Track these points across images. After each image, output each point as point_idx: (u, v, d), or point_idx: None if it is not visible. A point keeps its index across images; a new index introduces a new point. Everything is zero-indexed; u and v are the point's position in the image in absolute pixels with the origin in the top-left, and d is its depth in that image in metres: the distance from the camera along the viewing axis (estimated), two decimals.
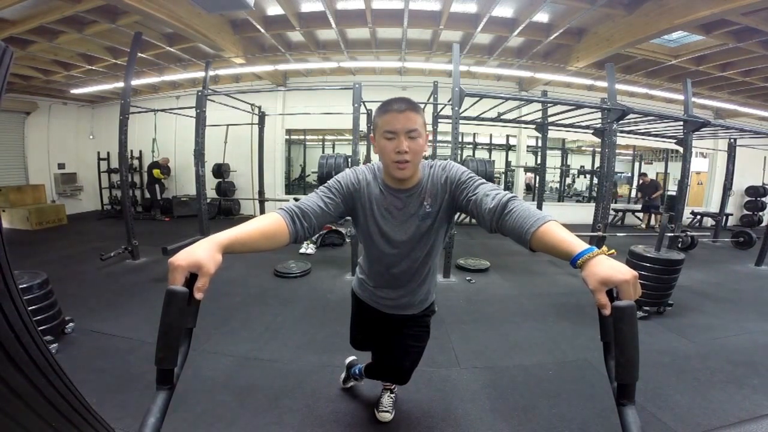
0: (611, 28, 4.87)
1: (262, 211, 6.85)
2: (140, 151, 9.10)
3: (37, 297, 2.47)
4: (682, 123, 4.93)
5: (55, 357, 0.54)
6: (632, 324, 0.66)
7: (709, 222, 8.68)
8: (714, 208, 8.97)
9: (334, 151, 10.56)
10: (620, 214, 9.31)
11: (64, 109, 8.99)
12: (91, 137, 9.46)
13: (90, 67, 6.64)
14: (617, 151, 10.07)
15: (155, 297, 3.48)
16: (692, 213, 8.99)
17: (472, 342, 2.83)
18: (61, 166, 9.04)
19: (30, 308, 2.32)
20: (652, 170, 10.26)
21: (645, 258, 3.38)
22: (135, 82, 6.67)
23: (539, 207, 6.48)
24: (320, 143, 11.32)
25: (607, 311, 0.67)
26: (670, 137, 6.16)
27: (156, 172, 8.33)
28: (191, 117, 4.92)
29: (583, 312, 3.44)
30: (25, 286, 2.41)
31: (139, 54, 5.53)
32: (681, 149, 5.16)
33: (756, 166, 9.06)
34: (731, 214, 9.26)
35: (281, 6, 4.81)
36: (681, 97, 5.65)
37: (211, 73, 5.28)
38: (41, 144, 8.67)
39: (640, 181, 8.77)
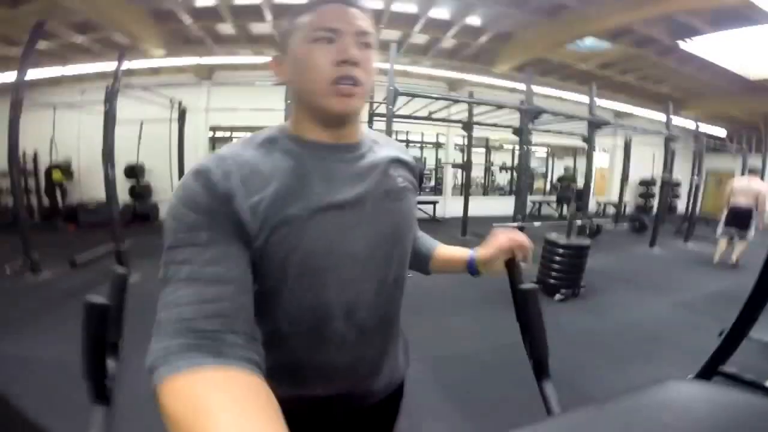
0: (532, 35, 5.40)
1: None
2: (35, 152, 7.87)
3: None
4: (586, 122, 5.66)
5: None
6: (536, 304, 0.72)
7: (611, 210, 9.93)
8: (615, 198, 10.24)
9: None
10: (537, 204, 10.26)
11: None
12: None
13: None
14: (533, 148, 11.19)
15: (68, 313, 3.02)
16: (597, 203, 10.26)
17: (413, 334, 2.85)
18: None
19: None
20: (562, 166, 11.52)
21: (558, 245, 3.63)
22: (32, 74, 5.79)
23: (466, 201, 7.16)
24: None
25: (522, 256, 0.80)
26: (577, 135, 6.96)
27: (56, 175, 7.28)
28: (99, 114, 4.41)
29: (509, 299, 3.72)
30: None
31: (42, 43, 4.81)
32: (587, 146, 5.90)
33: (648, 160, 10.47)
34: (627, 203, 10.75)
35: None
36: (588, 99, 6.45)
37: (125, 66, 4.76)
38: None
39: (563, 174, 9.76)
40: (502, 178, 13.77)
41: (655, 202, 10.08)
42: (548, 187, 11.70)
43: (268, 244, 0.57)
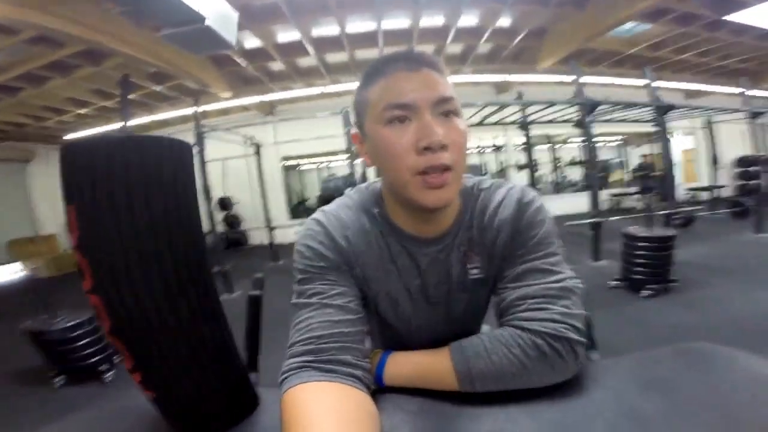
0: (567, 27, 5.18)
1: (272, 240, 6.97)
2: None
3: (88, 331, 2.64)
4: (650, 108, 5.18)
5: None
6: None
7: (706, 196, 8.84)
8: (707, 182, 9.14)
9: (329, 172, 10.84)
10: (616, 198, 9.53)
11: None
12: None
13: (80, 111, 6.90)
14: (606, 138, 10.36)
15: None
16: (689, 189, 9.14)
17: None
18: None
19: (82, 342, 2.60)
20: (638, 153, 10.49)
21: (637, 237, 3.42)
22: (129, 123, 6.94)
23: None
24: (314, 166, 11.57)
25: None
26: (645, 121, 6.37)
27: None
28: None
29: None
30: (74, 323, 2.57)
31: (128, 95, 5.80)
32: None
33: (739, 138, 9.24)
34: (724, 186, 9.38)
35: (259, 38, 5.11)
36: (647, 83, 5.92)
37: (200, 109, 5.54)
38: (45, 192, 8.65)
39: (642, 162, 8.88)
40: (575, 174, 12.94)
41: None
42: (628, 178, 10.80)
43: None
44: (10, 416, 2.35)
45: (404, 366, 0.63)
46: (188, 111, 7.36)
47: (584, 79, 5.32)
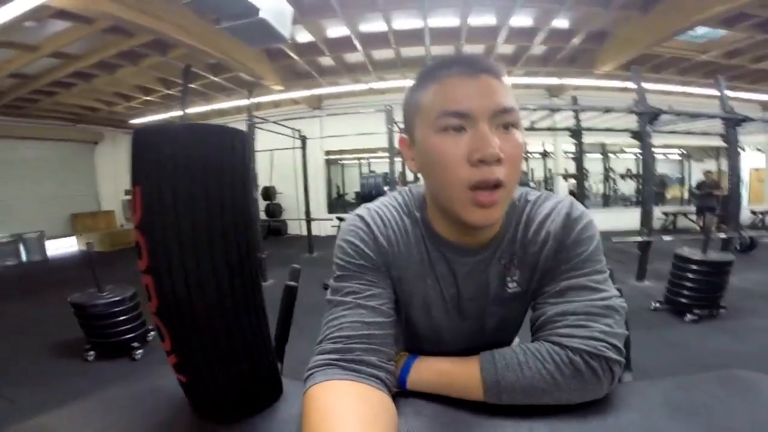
0: (630, 30, 4.86)
1: (309, 231, 7.13)
2: None
3: (128, 308, 2.77)
4: (720, 120, 4.77)
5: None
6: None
7: None
8: None
9: (369, 169, 10.93)
10: (671, 217, 8.84)
11: (126, 138, 9.87)
12: None
13: (146, 97, 7.43)
14: (664, 151, 9.68)
15: None
16: (753, 212, 8.37)
17: None
18: (128, 192, 9.88)
19: (121, 318, 2.71)
20: (701, 169, 9.70)
21: (690, 260, 3.27)
22: (187, 111, 7.39)
23: None
24: (356, 162, 11.73)
25: None
26: (713, 134, 5.88)
27: None
28: None
29: None
30: (118, 298, 2.72)
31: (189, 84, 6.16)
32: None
33: None
34: None
35: (310, 33, 5.23)
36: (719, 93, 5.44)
37: (253, 100, 5.78)
38: (109, 172, 9.49)
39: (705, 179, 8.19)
40: (627, 187, 12.28)
41: None
42: (686, 195, 10.09)
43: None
44: (41, 387, 2.44)
45: (429, 372, 0.62)
46: (242, 102, 7.75)
47: (646, 85, 5.04)
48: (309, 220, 7.09)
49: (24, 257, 7.54)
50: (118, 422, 0.62)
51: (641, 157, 5.75)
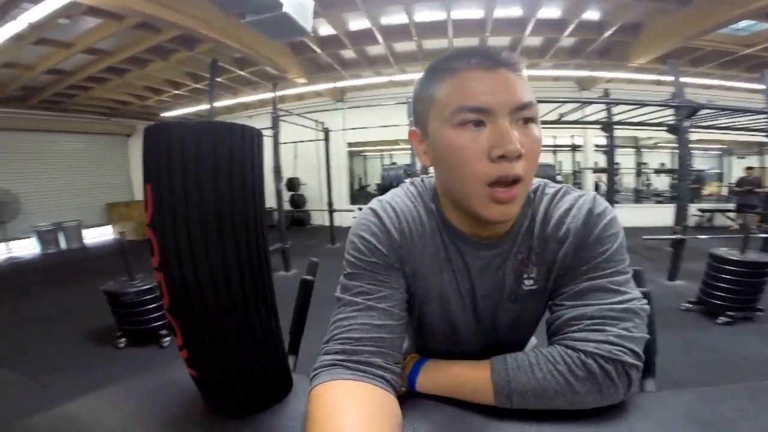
0: (667, 23, 4.60)
1: (332, 222, 7.20)
2: None
3: (156, 297, 2.79)
4: (765, 115, 4.49)
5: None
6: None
7: None
8: None
9: (391, 160, 10.92)
10: (707, 214, 8.50)
11: None
12: None
13: (176, 91, 7.64)
14: (703, 146, 9.22)
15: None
16: None
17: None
18: None
19: (151, 306, 2.79)
20: (742, 166, 9.18)
21: (727, 261, 3.13)
22: (215, 105, 7.56)
23: None
24: (377, 153, 11.75)
25: None
26: (756, 130, 5.54)
27: None
28: (267, 136, 5.47)
29: None
30: (148, 287, 2.79)
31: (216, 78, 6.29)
32: None
33: None
34: None
35: (332, 26, 5.23)
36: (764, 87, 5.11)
37: (278, 93, 5.85)
38: (141, 163, 9.93)
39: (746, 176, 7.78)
40: (662, 183, 11.82)
41: None
42: (725, 192, 9.65)
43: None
44: (73, 373, 2.51)
45: (439, 373, 0.61)
46: (267, 95, 7.85)
47: (684, 79, 4.77)
48: (331, 211, 7.15)
49: (64, 245, 7.93)
50: (134, 414, 0.64)
51: (677, 153, 5.49)
